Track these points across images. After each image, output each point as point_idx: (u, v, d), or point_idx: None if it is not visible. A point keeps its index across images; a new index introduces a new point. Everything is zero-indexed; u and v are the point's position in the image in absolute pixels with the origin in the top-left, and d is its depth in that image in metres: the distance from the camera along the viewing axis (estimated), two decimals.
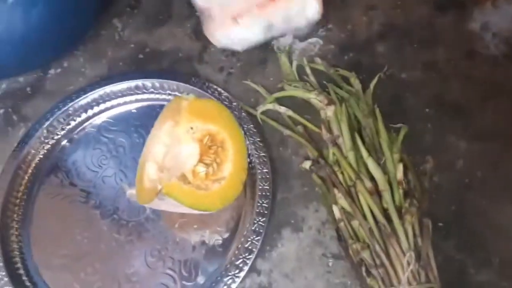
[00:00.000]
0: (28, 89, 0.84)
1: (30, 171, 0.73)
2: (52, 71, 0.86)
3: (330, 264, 0.64)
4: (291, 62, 0.79)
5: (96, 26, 0.89)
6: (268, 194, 0.66)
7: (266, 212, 0.65)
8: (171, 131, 0.66)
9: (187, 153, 0.64)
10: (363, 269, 0.59)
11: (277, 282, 0.63)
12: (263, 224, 0.64)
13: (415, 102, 0.74)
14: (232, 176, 0.64)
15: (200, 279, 0.64)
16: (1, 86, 0.85)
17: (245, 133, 0.70)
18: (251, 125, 0.72)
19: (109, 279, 0.65)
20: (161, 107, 0.71)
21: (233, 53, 0.82)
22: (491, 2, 0.80)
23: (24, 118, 0.81)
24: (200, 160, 0.64)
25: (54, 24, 0.77)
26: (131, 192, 0.68)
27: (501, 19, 0.80)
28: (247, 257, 0.63)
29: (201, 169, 0.63)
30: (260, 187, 0.67)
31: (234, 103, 0.74)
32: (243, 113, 0.73)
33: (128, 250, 0.66)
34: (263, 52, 0.82)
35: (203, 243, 0.66)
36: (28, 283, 0.64)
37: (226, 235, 0.66)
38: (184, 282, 0.64)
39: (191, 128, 0.65)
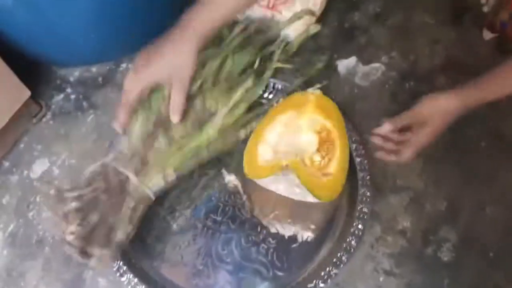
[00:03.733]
0: (100, 79, 0.89)
1: None
2: (124, 65, 0.90)
3: (381, 279, 0.66)
4: None
5: (170, 28, 0.94)
6: (367, 204, 0.69)
7: (366, 218, 0.68)
8: (291, 120, 0.71)
9: (307, 141, 0.69)
10: None
11: None
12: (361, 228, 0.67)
13: (473, 134, 0.77)
14: (336, 174, 0.67)
15: (293, 272, 0.66)
16: (74, 74, 0.90)
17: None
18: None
19: (198, 255, 0.68)
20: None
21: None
22: None
23: (93, 105, 0.86)
24: (318, 150, 0.68)
25: (136, 20, 0.83)
26: (229, 178, 0.73)
27: None
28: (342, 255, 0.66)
29: (317, 158, 0.67)
30: (359, 196, 0.69)
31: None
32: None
33: (222, 231, 0.70)
34: (328, 71, 0.86)
35: (295, 237, 0.69)
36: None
37: (318, 236, 0.69)
38: (276, 272, 0.66)
39: (313, 119, 0.70)
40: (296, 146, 0.68)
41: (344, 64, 0.87)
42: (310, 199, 0.66)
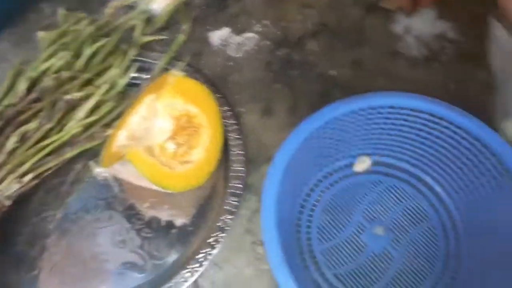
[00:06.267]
0: None
1: None
2: None
3: (261, 251, 0.66)
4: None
5: (23, 10, 0.85)
6: (240, 179, 0.68)
7: (240, 192, 0.66)
8: (152, 104, 0.66)
9: (160, 127, 0.65)
10: None
11: (206, 270, 0.64)
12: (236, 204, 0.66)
13: (342, 97, 0.77)
14: (200, 163, 0.64)
15: (171, 259, 0.64)
16: None
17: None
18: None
19: (73, 258, 0.64)
20: None
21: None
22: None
23: None
24: (172, 138, 0.64)
25: None
26: (98, 170, 0.68)
27: (422, 23, 0.85)
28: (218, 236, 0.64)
29: (170, 146, 0.64)
30: (232, 172, 0.68)
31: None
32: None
33: (96, 228, 0.66)
34: (200, 44, 0.83)
35: (173, 223, 0.66)
36: None
37: (196, 218, 0.67)
38: (154, 261, 0.64)
39: (171, 104, 0.66)
40: (151, 132, 0.65)
41: (217, 36, 0.84)
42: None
